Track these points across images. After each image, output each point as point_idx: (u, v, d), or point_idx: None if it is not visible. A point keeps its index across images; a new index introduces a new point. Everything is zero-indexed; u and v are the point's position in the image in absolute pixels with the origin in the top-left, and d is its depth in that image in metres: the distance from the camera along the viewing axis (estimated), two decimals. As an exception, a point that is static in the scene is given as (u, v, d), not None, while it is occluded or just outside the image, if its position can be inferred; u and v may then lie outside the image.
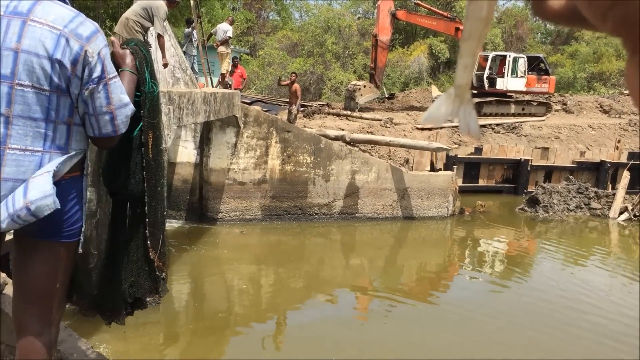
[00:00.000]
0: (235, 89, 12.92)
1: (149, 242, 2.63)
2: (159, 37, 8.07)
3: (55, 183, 2.03)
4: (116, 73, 2.16)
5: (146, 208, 2.59)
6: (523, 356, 6.66)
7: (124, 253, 2.67)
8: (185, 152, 11.76)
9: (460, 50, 0.48)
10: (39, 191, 1.96)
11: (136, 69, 2.43)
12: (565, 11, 0.40)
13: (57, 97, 2.02)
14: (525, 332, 7.41)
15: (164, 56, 8.29)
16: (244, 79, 14.64)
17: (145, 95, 2.47)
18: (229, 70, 14.09)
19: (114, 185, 2.62)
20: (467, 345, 6.91)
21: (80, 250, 2.21)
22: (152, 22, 7.90)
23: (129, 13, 7.87)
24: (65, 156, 2.08)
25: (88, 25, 2.09)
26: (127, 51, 2.44)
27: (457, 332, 7.30)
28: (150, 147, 2.53)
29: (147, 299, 2.73)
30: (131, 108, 2.20)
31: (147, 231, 2.62)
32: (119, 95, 2.14)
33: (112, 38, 2.60)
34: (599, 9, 0.34)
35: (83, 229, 2.20)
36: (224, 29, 13.96)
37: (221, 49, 13.78)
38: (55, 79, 2.00)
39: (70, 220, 2.14)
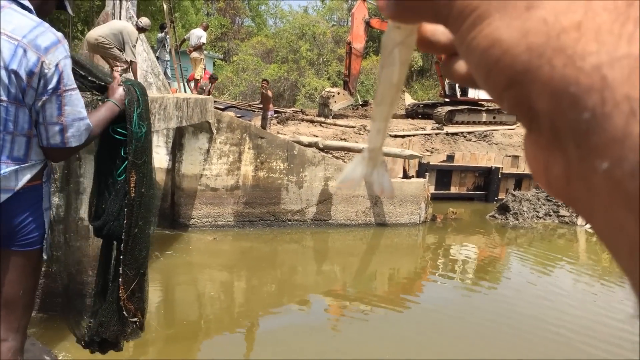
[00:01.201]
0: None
1: (120, 280, 2.61)
2: (131, 63, 8.02)
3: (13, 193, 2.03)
4: (75, 86, 2.13)
5: (121, 246, 2.57)
6: (491, 358, 6.74)
7: (105, 291, 2.69)
8: (157, 158, 11.64)
9: (373, 115, 0.49)
10: None
11: (123, 105, 2.44)
12: (471, 79, 0.40)
13: (15, 109, 2.00)
14: (494, 334, 7.50)
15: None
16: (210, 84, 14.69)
17: (131, 134, 2.46)
18: (202, 76, 14.04)
19: (97, 223, 2.60)
20: (437, 348, 6.96)
21: (45, 257, 2.19)
22: (123, 49, 7.85)
23: (97, 34, 7.76)
24: (23, 165, 2.06)
25: (48, 36, 2.06)
26: (121, 87, 2.46)
27: (428, 336, 7.36)
28: (132, 187, 2.50)
29: (120, 341, 2.71)
30: (86, 123, 2.16)
31: (120, 270, 2.60)
32: (74, 108, 2.11)
33: (115, 74, 2.62)
34: (495, 89, 0.35)
35: (46, 236, 2.18)
36: (198, 35, 13.92)
37: (194, 54, 13.74)
38: (12, 90, 1.98)
39: (27, 229, 2.12)
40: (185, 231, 11.33)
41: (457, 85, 20.62)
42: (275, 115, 17.67)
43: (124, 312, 2.58)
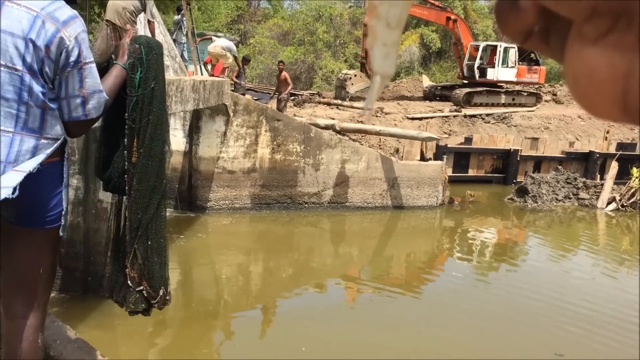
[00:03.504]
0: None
1: (123, 247, 2.61)
2: (149, 23, 8.02)
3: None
4: (92, 59, 2.15)
5: (126, 212, 2.57)
6: (510, 347, 6.71)
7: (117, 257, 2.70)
8: (175, 141, 11.68)
9: (381, 37, 0.45)
10: (4, 184, 1.96)
11: (132, 66, 2.42)
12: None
13: (30, 79, 2.00)
14: (510, 319, 7.46)
15: None
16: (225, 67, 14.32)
17: (131, 98, 2.44)
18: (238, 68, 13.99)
19: (102, 177, 2.63)
20: (453, 332, 6.95)
21: (61, 234, 2.20)
22: (144, 9, 7.85)
23: (125, 2, 7.78)
24: (43, 142, 2.07)
25: (65, 11, 2.08)
26: (127, 49, 2.46)
27: (444, 320, 7.35)
28: (134, 151, 2.49)
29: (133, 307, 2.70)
30: (104, 96, 2.19)
31: (124, 236, 2.60)
32: (94, 80, 2.14)
33: (129, 26, 2.61)
34: None
35: (63, 213, 2.19)
36: (228, 46, 13.14)
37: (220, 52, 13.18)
38: (28, 59, 1.98)
39: (48, 206, 2.14)
40: (202, 213, 11.40)
41: (475, 66, 20.36)
42: (292, 97, 17.61)
43: (129, 283, 2.58)
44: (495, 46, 20.74)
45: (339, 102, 18.93)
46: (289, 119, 12.27)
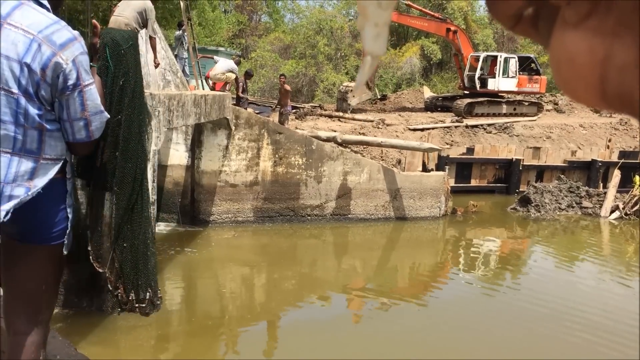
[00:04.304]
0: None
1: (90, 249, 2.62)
2: (151, 39, 8.06)
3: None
4: (92, 80, 2.18)
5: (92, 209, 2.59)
6: (516, 357, 6.68)
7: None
8: (177, 155, 11.73)
9: (372, 17, 0.45)
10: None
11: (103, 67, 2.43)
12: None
13: (25, 102, 2.02)
14: (515, 330, 7.43)
15: (155, 57, 8.28)
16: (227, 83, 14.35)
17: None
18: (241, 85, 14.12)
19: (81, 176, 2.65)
20: (458, 345, 6.92)
21: (65, 252, 2.20)
22: (146, 25, 7.90)
23: (128, 19, 7.83)
24: (42, 162, 2.09)
25: (64, 33, 2.08)
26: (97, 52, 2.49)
27: (449, 332, 7.32)
28: (104, 151, 2.49)
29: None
30: (106, 115, 2.23)
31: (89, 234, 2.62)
32: (94, 102, 2.17)
33: (94, 21, 2.57)
34: None
35: (67, 232, 2.20)
36: (229, 68, 13.18)
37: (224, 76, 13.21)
38: (23, 83, 2.00)
39: (49, 223, 2.14)
40: (205, 227, 11.40)
41: (476, 77, 20.42)
42: (293, 110, 17.67)
43: (108, 284, 2.56)
44: (496, 56, 20.82)
45: (341, 114, 18.99)
46: (291, 131, 12.30)
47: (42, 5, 2.10)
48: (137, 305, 2.63)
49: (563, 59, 0.34)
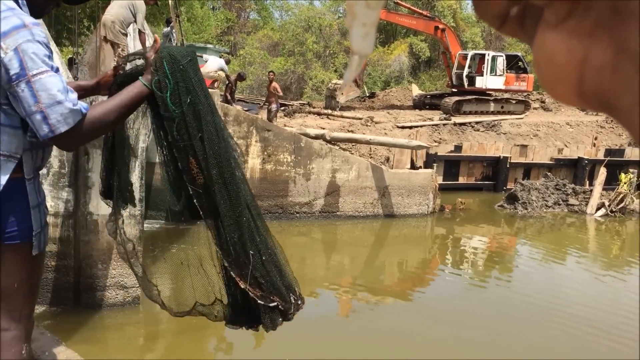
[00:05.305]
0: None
1: (230, 272, 2.45)
2: (140, 34, 8.04)
3: None
4: (45, 69, 1.97)
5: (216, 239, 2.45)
6: (504, 352, 6.73)
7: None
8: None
9: (360, 17, 0.45)
10: None
11: (158, 84, 2.15)
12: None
13: None
14: (503, 326, 7.49)
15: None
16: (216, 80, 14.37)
17: (167, 118, 2.18)
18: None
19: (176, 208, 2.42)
20: (447, 340, 6.97)
21: (34, 253, 2.18)
22: (135, 20, 7.87)
23: (113, 16, 7.80)
24: None
25: (11, 20, 1.95)
26: (151, 64, 2.17)
27: (437, 328, 7.36)
28: (194, 173, 2.22)
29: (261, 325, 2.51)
30: (67, 107, 1.97)
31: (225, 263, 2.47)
32: (48, 92, 1.95)
33: (156, 36, 2.37)
34: None
35: (34, 233, 2.18)
36: (220, 66, 13.33)
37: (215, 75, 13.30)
38: None
39: (7, 221, 2.11)
40: (193, 225, 11.34)
41: (464, 75, 20.52)
42: (282, 108, 17.66)
43: (259, 300, 2.34)
44: (484, 55, 20.94)
45: (329, 111, 19.00)
46: (279, 129, 12.30)
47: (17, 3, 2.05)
48: (290, 312, 2.50)
49: (543, 58, 0.34)
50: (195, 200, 2.27)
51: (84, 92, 2.45)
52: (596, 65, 0.31)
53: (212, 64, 12.86)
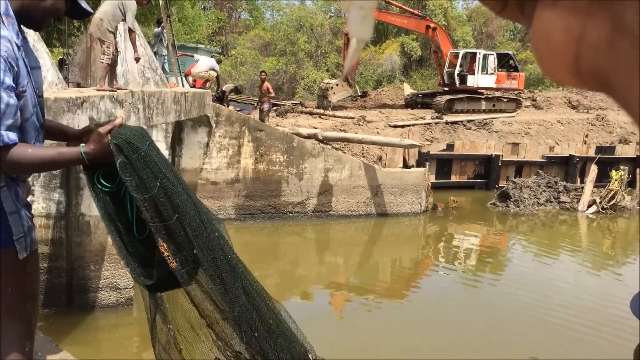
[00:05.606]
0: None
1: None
2: (130, 32, 8.00)
3: None
4: None
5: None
6: (497, 349, 6.76)
7: None
8: (157, 153, 11.63)
9: (359, 2, 0.44)
10: None
11: (93, 160, 2.03)
12: None
13: None
14: (497, 323, 7.52)
15: (135, 50, 8.23)
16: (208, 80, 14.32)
17: (139, 200, 2.02)
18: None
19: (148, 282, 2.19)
20: (440, 337, 6.99)
21: (20, 257, 2.17)
22: (125, 18, 7.83)
23: (102, 14, 7.77)
24: None
25: None
26: (105, 140, 2.01)
27: (430, 326, 7.39)
28: (167, 257, 2.06)
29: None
30: None
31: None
32: None
33: (118, 120, 2.11)
34: None
35: (15, 238, 2.17)
36: (212, 66, 13.26)
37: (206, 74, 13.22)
38: None
39: None
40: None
41: (455, 73, 20.56)
42: (274, 108, 17.65)
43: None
44: (475, 53, 21.00)
45: (322, 111, 19.00)
46: (272, 129, 12.30)
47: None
48: None
49: (540, 37, 0.35)
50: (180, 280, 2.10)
51: (61, 135, 2.45)
52: (592, 42, 0.32)
53: (202, 64, 12.82)
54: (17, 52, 2.01)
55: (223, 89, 14.32)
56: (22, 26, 2.13)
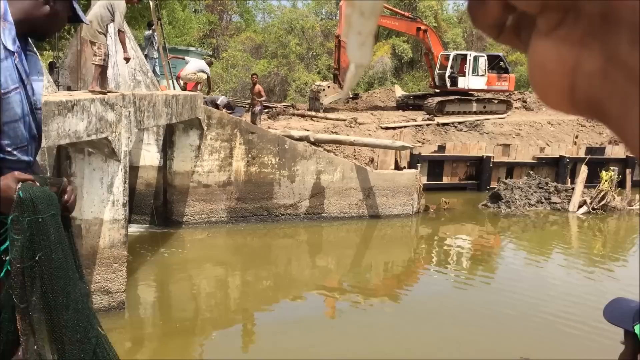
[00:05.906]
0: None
1: None
2: (119, 32, 7.99)
3: None
4: None
5: None
6: (490, 349, 6.79)
7: None
8: (148, 156, 11.62)
9: (357, 27, 0.43)
10: None
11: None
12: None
13: None
14: (489, 324, 7.55)
15: (125, 50, 8.21)
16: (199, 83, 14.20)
17: (11, 262, 1.86)
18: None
19: None
20: (433, 339, 7.01)
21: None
22: (114, 19, 7.81)
23: (91, 16, 7.76)
24: None
25: None
26: (12, 190, 1.84)
27: (423, 327, 7.40)
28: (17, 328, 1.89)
29: None
30: None
31: None
32: None
33: (67, 182, 2.09)
34: None
35: None
36: (200, 68, 13.14)
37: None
38: None
39: None
40: (179, 228, 11.32)
41: (446, 75, 20.63)
42: (266, 110, 17.63)
43: None
44: (465, 55, 21.08)
45: (313, 113, 19.01)
46: (263, 131, 12.29)
47: None
48: None
49: (536, 66, 0.35)
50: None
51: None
52: (586, 72, 0.32)
53: (190, 66, 12.70)
54: (1, 54, 1.99)
55: (217, 102, 14.26)
56: (28, 38, 2.15)
